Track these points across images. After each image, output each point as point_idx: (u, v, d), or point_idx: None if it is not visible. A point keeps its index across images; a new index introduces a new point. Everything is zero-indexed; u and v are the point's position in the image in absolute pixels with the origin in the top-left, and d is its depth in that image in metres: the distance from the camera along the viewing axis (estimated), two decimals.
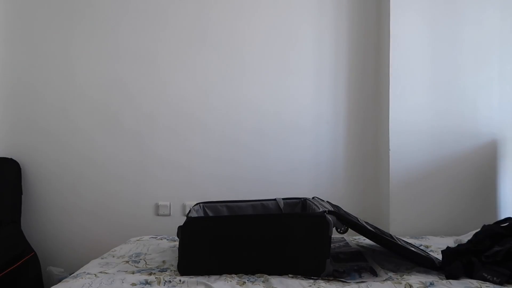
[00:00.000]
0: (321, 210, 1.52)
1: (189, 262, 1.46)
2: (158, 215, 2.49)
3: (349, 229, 1.59)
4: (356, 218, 1.68)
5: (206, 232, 1.49)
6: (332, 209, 1.53)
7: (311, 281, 1.36)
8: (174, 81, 2.49)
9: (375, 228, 1.67)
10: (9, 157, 2.46)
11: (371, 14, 2.49)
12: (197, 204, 1.86)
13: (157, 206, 2.50)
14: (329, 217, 1.44)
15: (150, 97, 2.49)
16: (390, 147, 2.29)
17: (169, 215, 2.48)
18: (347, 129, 2.49)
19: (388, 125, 2.29)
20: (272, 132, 2.49)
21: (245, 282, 1.35)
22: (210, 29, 2.49)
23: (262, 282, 1.36)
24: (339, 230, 1.56)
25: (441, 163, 2.27)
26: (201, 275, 1.42)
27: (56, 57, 2.50)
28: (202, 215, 1.79)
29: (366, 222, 1.68)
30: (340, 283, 1.35)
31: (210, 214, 1.86)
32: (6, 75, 2.50)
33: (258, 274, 1.41)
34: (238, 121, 2.49)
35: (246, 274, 1.42)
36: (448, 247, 1.62)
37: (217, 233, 1.49)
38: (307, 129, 2.49)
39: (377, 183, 2.48)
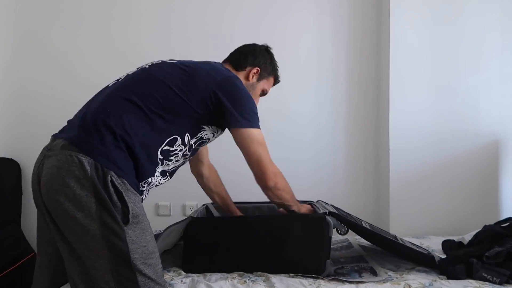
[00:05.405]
0: (322, 211, 1.53)
1: (193, 260, 1.48)
2: (158, 215, 2.49)
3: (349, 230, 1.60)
4: (360, 220, 1.68)
5: (209, 232, 1.51)
6: (333, 211, 1.54)
7: (312, 280, 1.36)
8: None
9: (379, 230, 1.67)
10: (9, 157, 2.46)
11: (371, 14, 2.48)
12: (204, 204, 1.88)
13: (157, 206, 2.49)
14: (329, 218, 1.45)
15: None
16: (390, 147, 2.28)
17: (169, 215, 2.48)
18: (347, 129, 2.49)
19: (388, 125, 2.29)
20: (272, 132, 2.48)
21: (246, 281, 1.35)
22: (210, 29, 2.48)
23: (263, 281, 1.36)
24: (339, 231, 1.57)
25: (441, 163, 2.27)
26: (204, 273, 1.43)
27: (56, 58, 2.50)
28: (204, 215, 1.81)
29: (370, 224, 1.68)
30: (340, 282, 1.35)
31: (217, 214, 1.88)
32: (6, 76, 2.50)
33: (259, 273, 1.41)
34: None
35: (247, 273, 1.43)
36: (450, 242, 1.63)
37: (220, 233, 1.50)
38: (307, 129, 2.49)
39: (377, 183, 2.47)
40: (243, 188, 2.44)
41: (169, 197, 2.49)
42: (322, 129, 2.49)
